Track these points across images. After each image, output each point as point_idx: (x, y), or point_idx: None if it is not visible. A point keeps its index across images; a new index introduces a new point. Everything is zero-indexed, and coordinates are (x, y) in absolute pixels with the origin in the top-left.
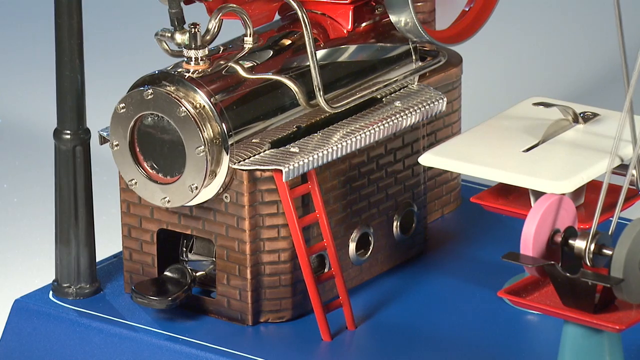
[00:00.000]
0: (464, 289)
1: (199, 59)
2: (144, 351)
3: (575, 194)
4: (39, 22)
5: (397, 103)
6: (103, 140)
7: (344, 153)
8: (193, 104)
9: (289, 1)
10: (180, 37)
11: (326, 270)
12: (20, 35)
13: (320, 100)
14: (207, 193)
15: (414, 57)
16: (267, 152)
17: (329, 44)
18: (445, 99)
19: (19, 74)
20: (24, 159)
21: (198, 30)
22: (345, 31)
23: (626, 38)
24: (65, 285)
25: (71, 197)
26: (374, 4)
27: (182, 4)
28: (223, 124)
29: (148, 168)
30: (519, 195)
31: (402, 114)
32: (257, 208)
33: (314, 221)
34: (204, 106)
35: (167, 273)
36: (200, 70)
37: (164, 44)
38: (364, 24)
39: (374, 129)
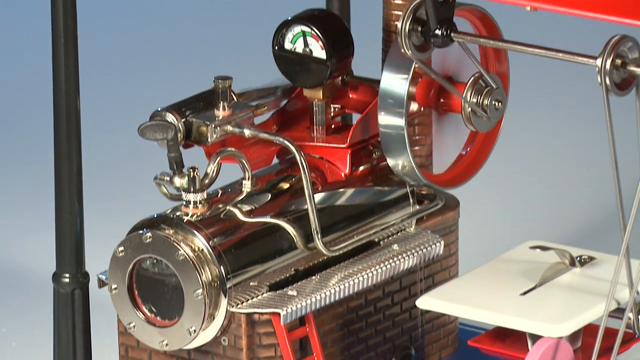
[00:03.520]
0: None
1: (198, 202)
2: None
3: (573, 338)
4: (37, 165)
5: (395, 246)
6: (102, 283)
7: (341, 296)
8: (191, 247)
9: (287, 145)
10: (179, 181)
11: None
12: (20, 179)
13: (318, 243)
14: (206, 336)
15: (411, 201)
16: (265, 295)
17: (326, 188)
18: (442, 243)
19: (17, 217)
20: (23, 303)
21: (197, 174)
22: (343, 175)
23: (622, 183)
24: None
25: (70, 340)
26: (371, 147)
27: (181, 147)
28: (221, 267)
29: (146, 311)
30: (517, 339)
31: (399, 257)
32: (255, 351)
33: None
34: (202, 249)
35: None
36: (198, 213)
37: (163, 187)
38: (361, 168)
39: (371, 272)
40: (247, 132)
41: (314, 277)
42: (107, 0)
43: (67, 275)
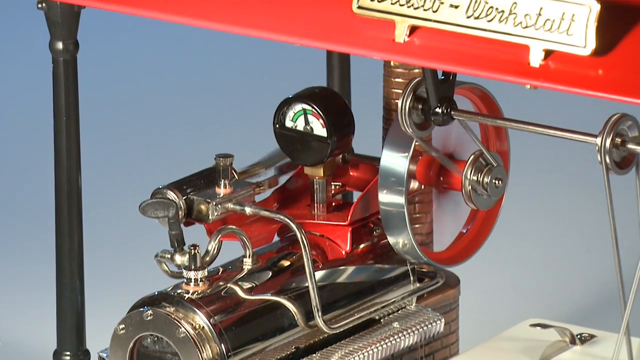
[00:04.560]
0: None
1: (199, 280)
2: None
3: None
4: (38, 241)
5: (395, 324)
6: None
7: None
8: (192, 324)
9: (287, 223)
10: (180, 259)
11: None
12: (20, 255)
13: (319, 321)
14: None
15: (411, 279)
16: None
17: (327, 265)
18: (443, 320)
19: (18, 293)
20: None
21: (198, 252)
22: (343, 252)
23: (623, 260)
24: None
25: None
26: (372, 225)
27: (182, 225)
28: (222, 345)
29: None
30: None
31: (400, 335)
32: None
33: None
34: (203, 327)
35: None
36: (199, 291)
37: (164, 265)
38: (362, 245)
39: (372, 349)
40: (248, 210)
41: (314, 355)
42: (109, 78)
43: (68, 353)
